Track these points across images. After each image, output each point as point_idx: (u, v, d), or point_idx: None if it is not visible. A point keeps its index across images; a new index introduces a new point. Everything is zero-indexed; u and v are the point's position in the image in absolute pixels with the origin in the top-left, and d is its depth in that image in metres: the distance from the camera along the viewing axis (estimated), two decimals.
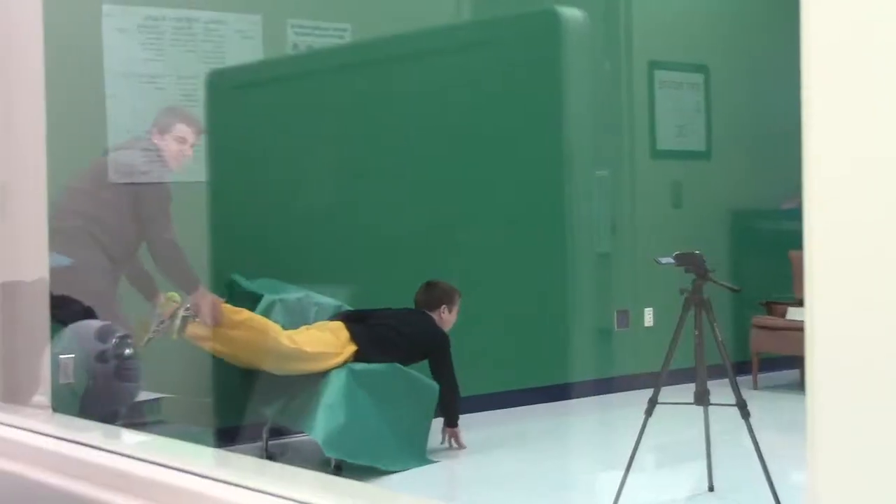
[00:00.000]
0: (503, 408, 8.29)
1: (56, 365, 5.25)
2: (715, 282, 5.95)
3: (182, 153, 6.68)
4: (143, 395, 6.29)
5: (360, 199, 7.93)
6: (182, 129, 6.70)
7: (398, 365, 6.80)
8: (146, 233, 6.44)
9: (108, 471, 2.18)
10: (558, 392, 8.60)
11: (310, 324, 7.02)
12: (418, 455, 6.79)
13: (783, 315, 9.08)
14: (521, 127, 8.17)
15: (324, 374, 6.56)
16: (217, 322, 6.42)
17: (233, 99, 7.77)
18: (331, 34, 7.96)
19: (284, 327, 6.82)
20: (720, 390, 5.84)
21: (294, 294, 7.16)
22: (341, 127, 7.94)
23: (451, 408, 7.05)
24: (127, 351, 5.72)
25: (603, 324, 9.24)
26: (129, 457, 2.22)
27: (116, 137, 7.06)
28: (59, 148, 3.21)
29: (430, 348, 7.01)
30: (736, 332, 9.23)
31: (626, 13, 9.35)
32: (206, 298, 6.48)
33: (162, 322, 6.35)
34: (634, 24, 9.38)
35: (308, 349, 6.57)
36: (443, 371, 6.96)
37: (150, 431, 5.75)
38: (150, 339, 6.28)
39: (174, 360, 6.88)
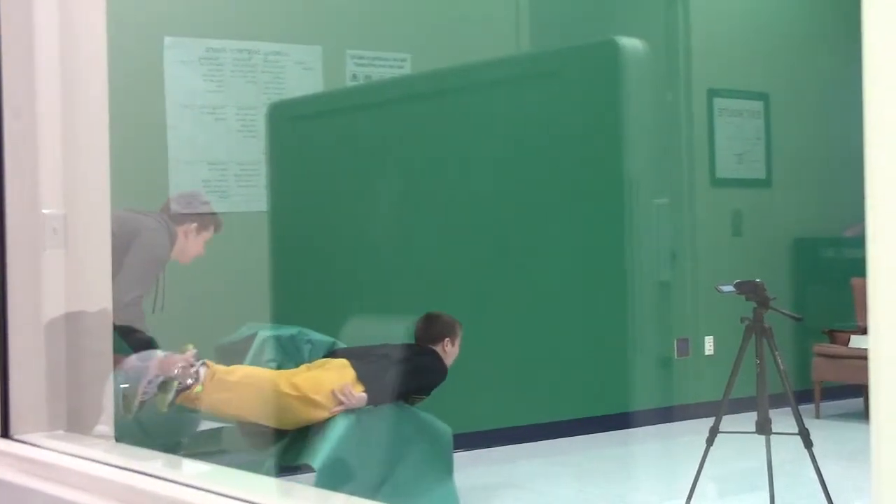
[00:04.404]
0: (563, 437, 8.26)
1: (118, 395, 5.28)
2: (776, 310, 5.92)
3: (200, 253, 6.32)
4: (205, 425, 6.31)
5: (418, 230, 7.94)
6: (210, 235, 6.31)
7: (406, 405, 6.34)
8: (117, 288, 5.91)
9: (170, 500, 2.19)
10: (618, 421, 8.57)
11: (304, 361, 6.56)
12: (440, 494, 6.32)
13: (846, 343, 9.00)
14: (581, 157, 8.17)
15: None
16: (193, 376, 5.77)
17: (293, 130, 7.81)
18: (390, 65, 7.99)
19: (280, 365, 6.48)
20: (782, 419, 5.80)
21: (286, 331, 6.79)
22: (400, 157, 7.96)
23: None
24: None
25: (663, 352, 9.20)
26: (190, 486, 2.23)
27: (177, 168, 7.12)
28: (120, 179, 3.23)
29: (431, 384, 6.46)
30: (798, 360, 9.16)
31: (685, 41, 9.33)
32: (167, 361, 5.81)
33: (150, 382, 5.70)
34: (693, 52, 9.36)
35: (313, 396, 6.06)
36: (414, 377, 6.40)
37: (212, 461, 5.74)
38: (142, 402, 5.82)
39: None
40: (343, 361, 6.31)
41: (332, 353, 6.58)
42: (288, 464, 6.30)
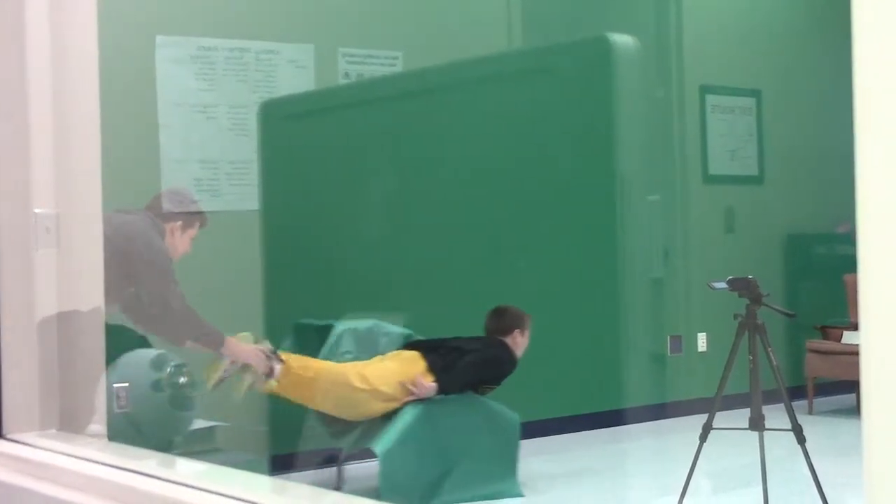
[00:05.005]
0: (556, 434, 8.27)
1: (111, 394, 5.29)
2: (769, 306, 5.92)
3: (187, 250, 6.33)
4: (198, 424, 6.31)
5: (411, 227, 7.93)
6: (196, 232, 6.30)
7: (475, 395, 6.64)
8: (153, 303, 5.92)
9: (164, 500, 2.19)
10: (612, 418, 8.57)
11: (379, 353, 6.82)
12: (503, 485, 6.60)
13: (838, 339, 9.01)
14: (573, 154, 8.17)
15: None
16: (268, 371, 6.05)
17: (285, 128, 7.81)
18: (382, 62, 7.98)
19: (356, 357, 6.72)
20: (775, 415, 5.81)
21: (363, 323, 7.04)
22: (393, 155, 7.96)
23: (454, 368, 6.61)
24: (182, 380, 5.75)
25: (656, 349, 9.20)
26: (184, 485, 2.23)
27: (169, 167, 7.11)
28: (113, 178, 3.23)
29: (501, 374, 6.77)
30: (791, 356, 9.17)
31: (677, 38, 9.34)
32: (243, 350, 6.10)
33: (232, 363, 5.99)
34: (685, 48, 9.36)
35: (382, 388, 6.34)
36: (480, 364, 6.70)
37: (206, 460, 5.75)
38: (221, 381, 5.97)
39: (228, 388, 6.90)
40: (414, 353, 6.62)
41: (406, 346, 6.88)
42: (353, 449, 6.66)
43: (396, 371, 6.46)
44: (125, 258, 5.75)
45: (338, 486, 6.84)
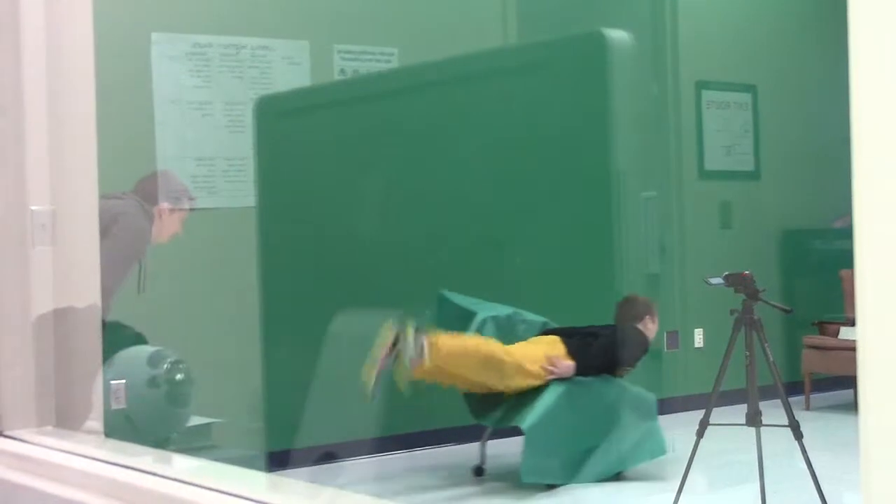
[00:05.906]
0: None
1: (108, 390, 5.29)
2: (765, 302, 5.92)
3: (178, 231, 6.33)
4: (194, 420, 6.31)
5: (406, 224, 7.92)
6: (185, 212, 6.36)
7: (611, 377, 7.03)
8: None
9: (160, 496, 2.19)
10: None
11: (519, 339, 7.15)
12: (647, 450, 6.96)
13: (835, 335, 9.00)
14: (568, 149, 8.16)
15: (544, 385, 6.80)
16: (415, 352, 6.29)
17: (280, 125, 7.80)
18: (377, 59, 7.98)
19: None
20: (772, 411, 5.80)
21: (503, 311, 7.33)
22: (388, 151, 7.95)
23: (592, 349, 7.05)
24: (178, 376, 5.75)
25: (653, 345, 9.18)
26: (180, 481, 2.23)
27: (165, 164, 7.11)
28: (108, 175, 3.23)
29: (634, 356, 7.22)
30: (787, 352, 9.17)
31: (672, 33, 9.32)
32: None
33: (387, 356, 6.24)
34: (681, 44, 9.35)
35: (526, 364, 6.73)
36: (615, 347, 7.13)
37: (202, 456, 5.76)
38: (377, 381, 6.20)
39: (224, 384, 6.90)
40: (554, 338, 7.08)
41: (543, 332, 7.28)
42: (499, 426, 6.96)
43: (538, 352, 6.87)
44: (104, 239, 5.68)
45: (482, 462, 7.14)
